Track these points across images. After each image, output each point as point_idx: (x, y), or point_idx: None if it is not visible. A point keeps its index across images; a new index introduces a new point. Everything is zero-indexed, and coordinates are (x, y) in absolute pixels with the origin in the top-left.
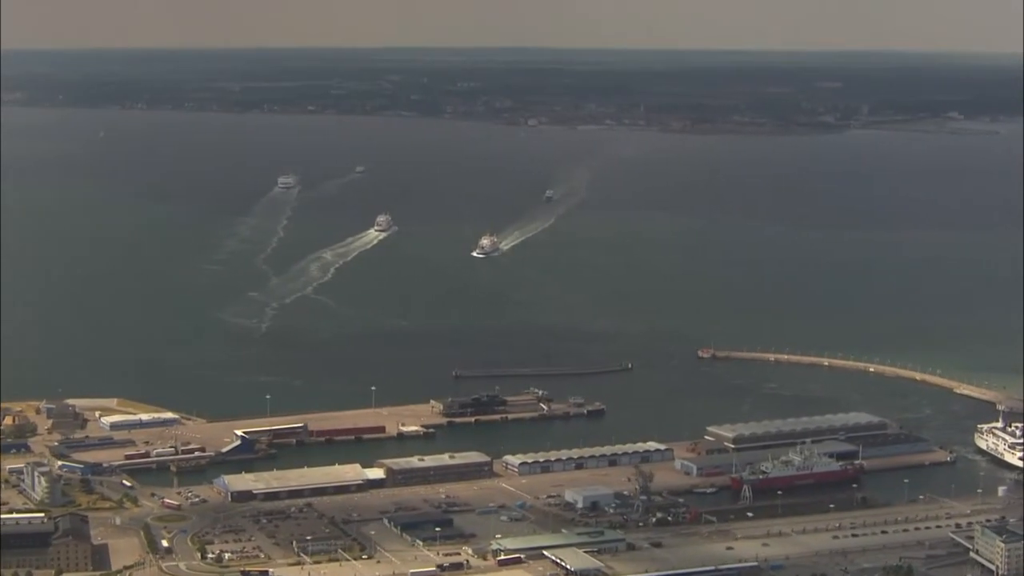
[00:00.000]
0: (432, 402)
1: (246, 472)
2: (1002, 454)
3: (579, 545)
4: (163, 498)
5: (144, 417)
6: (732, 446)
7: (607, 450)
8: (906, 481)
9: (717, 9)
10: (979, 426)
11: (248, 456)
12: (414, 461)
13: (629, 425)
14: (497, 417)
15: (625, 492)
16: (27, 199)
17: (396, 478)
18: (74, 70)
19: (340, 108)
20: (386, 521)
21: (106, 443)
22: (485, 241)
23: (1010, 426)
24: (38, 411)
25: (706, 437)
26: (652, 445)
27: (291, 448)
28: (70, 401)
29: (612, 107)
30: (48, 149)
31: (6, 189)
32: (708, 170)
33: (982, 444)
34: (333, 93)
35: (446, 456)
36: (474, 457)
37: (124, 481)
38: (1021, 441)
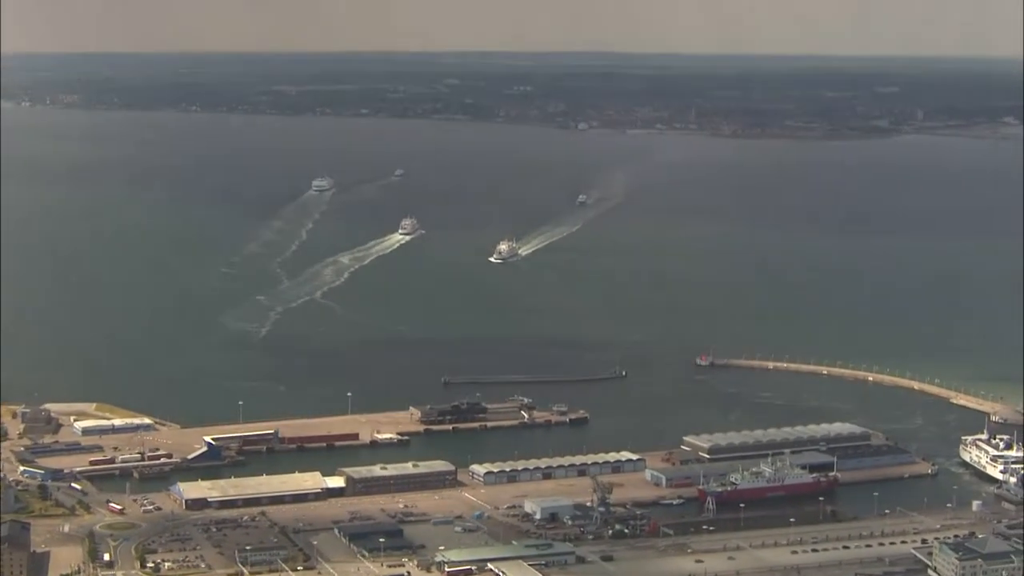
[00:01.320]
0: (411, 409)
1: (211, 479)
2: (984, 467)
3: (526, 558)
4: (109, 502)
5: (117, 422)
6: (707, 456)
7: (577, 460)
8: (876, 494)
9: (782, 15)
10: (963, 438)
11: (215, 463)
12: (376, 469)
13: (610, 434)
14: (476, 425)
15: (587, 503)
16: (55, 201)
17: (356, 487)
18: (134, 73)
19: (392, 112)
20: (336, 531)
21: (73, 448)
22: (503, 246)
23: (994, 438)
24: (14, 415)
25: (682, 447)
26: (625, 455)
27: (260, 455)
28: (48, 406)
29: (664, 111)
30: (91, 151)
31: (37, 192)
32: (750, 175)
33: (966, 456)
34: (389, 97)
35: (409, 465)
36: (438, 466)
37: (74, 485)
38: (1003, 453)
